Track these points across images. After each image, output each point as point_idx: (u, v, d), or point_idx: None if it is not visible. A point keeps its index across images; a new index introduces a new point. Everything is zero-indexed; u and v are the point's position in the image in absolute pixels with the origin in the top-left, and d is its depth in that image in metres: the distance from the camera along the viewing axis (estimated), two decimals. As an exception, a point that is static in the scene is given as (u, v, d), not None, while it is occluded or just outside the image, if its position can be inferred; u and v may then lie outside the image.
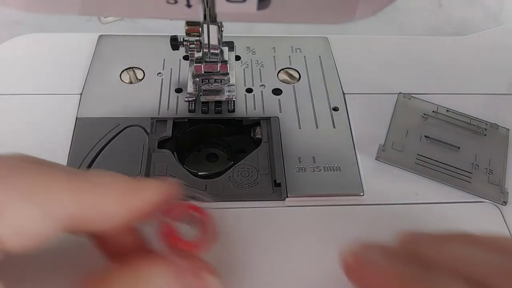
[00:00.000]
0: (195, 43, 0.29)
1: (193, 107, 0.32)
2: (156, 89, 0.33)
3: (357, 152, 0.30)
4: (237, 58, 0.36)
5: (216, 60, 0.30)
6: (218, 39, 0.28)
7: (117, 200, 0.19)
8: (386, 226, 0.25)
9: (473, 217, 0.28)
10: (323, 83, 0.35)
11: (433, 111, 0.33)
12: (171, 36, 0.30)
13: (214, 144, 0.33)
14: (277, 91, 0.34)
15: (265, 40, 0.38)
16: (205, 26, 0.27)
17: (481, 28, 0.43)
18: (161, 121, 0.31)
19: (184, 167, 0.29)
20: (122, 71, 0.34)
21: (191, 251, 0.20)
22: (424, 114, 0.33)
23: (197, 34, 0.28)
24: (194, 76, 0.31)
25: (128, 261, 0.19)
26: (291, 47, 0.38)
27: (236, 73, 0.34)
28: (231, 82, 0.31)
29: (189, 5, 0.17)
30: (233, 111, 0.32)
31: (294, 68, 0.36)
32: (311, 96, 0.34)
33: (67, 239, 0.19)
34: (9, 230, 0.17)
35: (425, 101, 0.34)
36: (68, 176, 0.18)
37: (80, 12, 0.19)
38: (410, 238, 0.21)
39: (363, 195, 0.28)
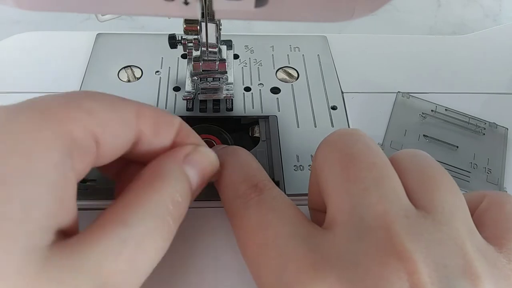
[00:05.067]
0: (193, 41, 0.29)
1: (191, 105, 0.32)
2: (154, 87, 0.33)
3: (355, 151, 0.30)
4: (236, 56, 0.36)
5: (214, 58, 0.30)
6: (217, 38, 0.28)
7: (166, 122, 0.21)
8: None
9: (472, 216, 0.28)
10: (321, 82, 0.35)
11: (431, 110, 0.33)
12: (169, 34, 0.30)
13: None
14: (275, 90, 0.34)
15: (263, 38, 0.38)
16: (203, 24, 0.26)
17: (480, 28, 0.43)
18: (159, 119, 0.31)
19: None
20: (120, 70, 0.34)
21: None
22: (422, 113, 0.33)
23: (195, 32, 0.27)
24: (192, 74, 0.31)
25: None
26: (290, 45, 0.37)
27: (234, 71, 0.34)
28: (229, 81, 0.31)
29: (186, 3, 0.17)
30: (231, 109, 0.32)
31: (293, 67, 0.36)
32: (310, 95, 0.33)
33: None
34: (104, 130, 0.18)
35: (424, 100, 0.34)
36: (131, 100, 0.21)
37: (77, 10, 0.19)
38: None
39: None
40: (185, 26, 0.27)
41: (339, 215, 0.18)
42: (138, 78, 0.34)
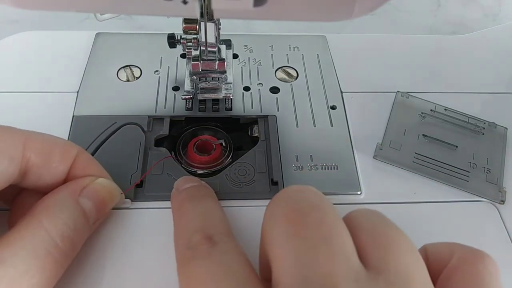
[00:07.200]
0: (192, 41, 0.29)
1: (190, 105, 0.32)
2: (153, 87, 0.33)
3: (354, 151, 0.30)
4: (235, 56, 0.36)
5: (214, 58, 0.30)
6: (216, 37, 0.28)
7: (60, 152, 0.22)
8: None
9: (471, 216, 0.28)
10: (321, 82, 0.34)
11: (431, 110, 0.33)
12: (168, 34, 0.30)
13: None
14: (274, 90, 0.34)
15: (262, 38, 0.38)
16: (202, 23, 0.26)
17: (480, 27, 0.43)
18: (158, 119, 0.31)
19: (182, 166, 0.29)
20: (119, 69, 0.34)
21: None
22: (422, 113, 0.33)
23: (195, 32, 0.27)
24: (192, 74, 0.31)
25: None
26: (289, 45, 0.37)
27: (233, 71, 0.34)
28: (228, 80, 0.31)
29: (185, 2, 0.17)
30: (231, 109, 0.32)
31: (292, 66, 0.36)
32: (309, 94, 0.33)
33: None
34: None
35: (423, 99, 0.34)
36: (19, 129, 0.21)
37: (76, 9, 0.18)
38: None
39: (360, 194, 0.28)
40: (184, 25, 0.27)
41: (283, 277, 0.16)
42: (137, 78, 0.34)
